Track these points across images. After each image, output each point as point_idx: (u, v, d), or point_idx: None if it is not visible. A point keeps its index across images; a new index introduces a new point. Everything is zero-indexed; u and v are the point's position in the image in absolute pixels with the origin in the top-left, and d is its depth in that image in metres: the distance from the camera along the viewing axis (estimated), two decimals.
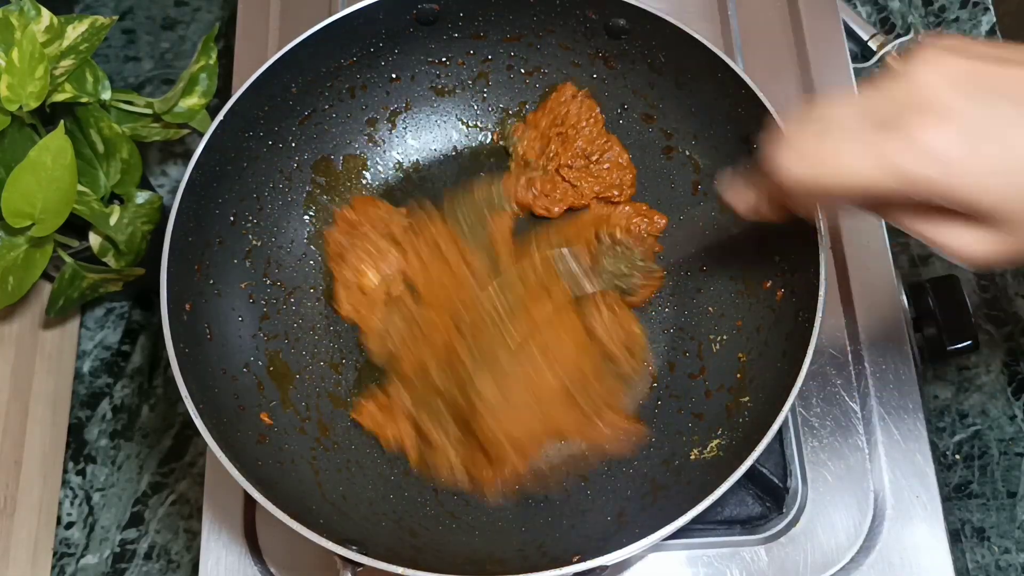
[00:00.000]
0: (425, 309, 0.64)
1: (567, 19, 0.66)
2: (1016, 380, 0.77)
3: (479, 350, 0.59)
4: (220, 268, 0.63)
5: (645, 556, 0.63)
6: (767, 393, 0.57)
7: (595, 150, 0.68)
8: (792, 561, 0.61)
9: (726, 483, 0.51)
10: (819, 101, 0.42)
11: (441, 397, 0.60)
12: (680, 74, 0.65)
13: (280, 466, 0.58)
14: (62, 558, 0.73)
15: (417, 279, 0.65)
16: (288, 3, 0.80)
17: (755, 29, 0.78)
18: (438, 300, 0.63)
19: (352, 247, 0.66)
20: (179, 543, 0.73)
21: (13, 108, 0.62)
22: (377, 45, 0.67)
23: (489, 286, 0.61)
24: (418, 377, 0.61)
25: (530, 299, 0.61)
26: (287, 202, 0.68)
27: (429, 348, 0.62)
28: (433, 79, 0.70)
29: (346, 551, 0.50)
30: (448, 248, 0.65)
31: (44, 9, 0.65)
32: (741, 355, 0.62)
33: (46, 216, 0.63)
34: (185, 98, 0.74)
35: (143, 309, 0.82)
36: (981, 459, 0.75)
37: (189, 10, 0.93)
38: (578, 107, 0.68)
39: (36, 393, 0.74)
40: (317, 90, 0.66)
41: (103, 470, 0.76)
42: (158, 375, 0.79)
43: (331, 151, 0.69)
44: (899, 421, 0.65)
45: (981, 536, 0.72)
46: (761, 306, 0.62)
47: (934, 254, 0.80)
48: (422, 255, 0.65)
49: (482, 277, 0.63)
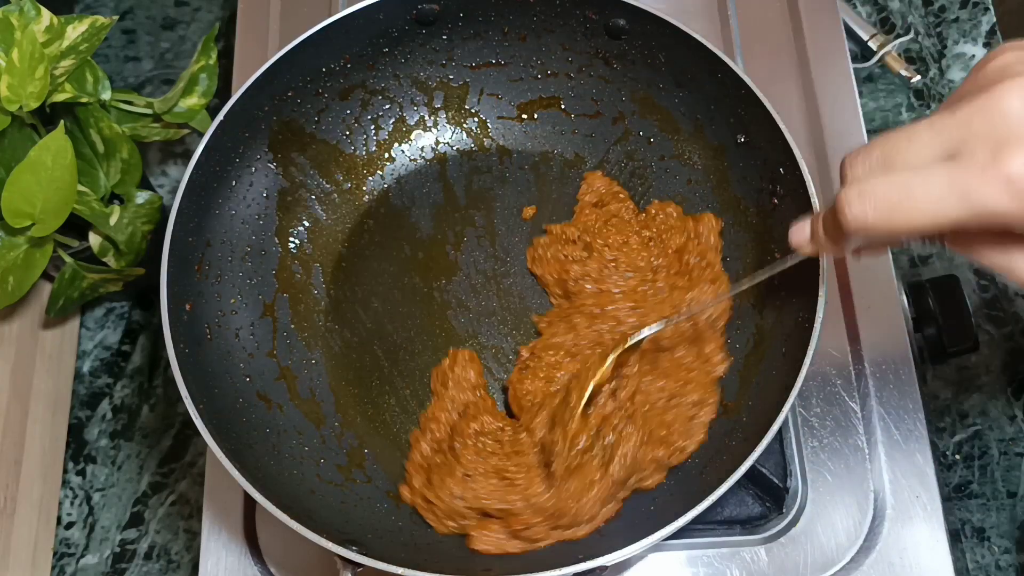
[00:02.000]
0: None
1: (567, 19, 0.66)
2: (1016, 380, 0.77)
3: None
4: (220, 268, 0.63)
5: (645, 556, 0.63)
6: (767, 393, 0.57)
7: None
8: (792, 561, 0.61)
9: (726, 483, 0.51)
10: (883, 137, 0.40)
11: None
12: (680, 74, 0.65)
13: (280, 466, 0.58)
14: (62, 558, 0.73)
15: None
16: (288, 3, 0.80)
17: (755, 29, 0.78)
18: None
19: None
20: (179, 543, 0.73)
21: (13, 108, 0.62)
22: (377, 45, 0.67)
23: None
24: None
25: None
26: (287, 202, 0.68)
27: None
28: (433, 79, 0.70)
29: (346, 551, 0.50)
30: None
31: (44, 9, 0.65)
32: (741, 356, 0.62)
33: (46, 216, 0.63)
34: (185, 98, 0.74)
35: (143, 309, 0.82)
36: (981, 459, 0.75)
37: (189, 10, 0.93)
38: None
39: (36, 393, 0.74)
40: (317, 90, 0.66)
41: (103, 470, 0.76)
42: (158, 375, 0.79)
43: (331, 151, 0.69)
44: (899, 421, 0.65)
45: (981, 536, 0.72)
46: (761, 306, 0.62)
47: (934, 254, 0.80)
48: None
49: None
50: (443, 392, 0.63)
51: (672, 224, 0.66)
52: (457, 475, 0.58)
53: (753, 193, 0.64)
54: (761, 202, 0.63)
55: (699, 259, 0.64)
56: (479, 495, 0.57)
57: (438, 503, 0.57)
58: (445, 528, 0.58)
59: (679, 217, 0.66)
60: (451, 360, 0.65)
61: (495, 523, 0.57)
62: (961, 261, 0.82)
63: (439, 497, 0.57)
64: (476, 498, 0.57)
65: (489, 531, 0.57)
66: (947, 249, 0.43)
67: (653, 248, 0.66)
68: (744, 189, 0.64)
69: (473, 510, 0.57)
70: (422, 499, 0.59)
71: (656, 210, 0.67)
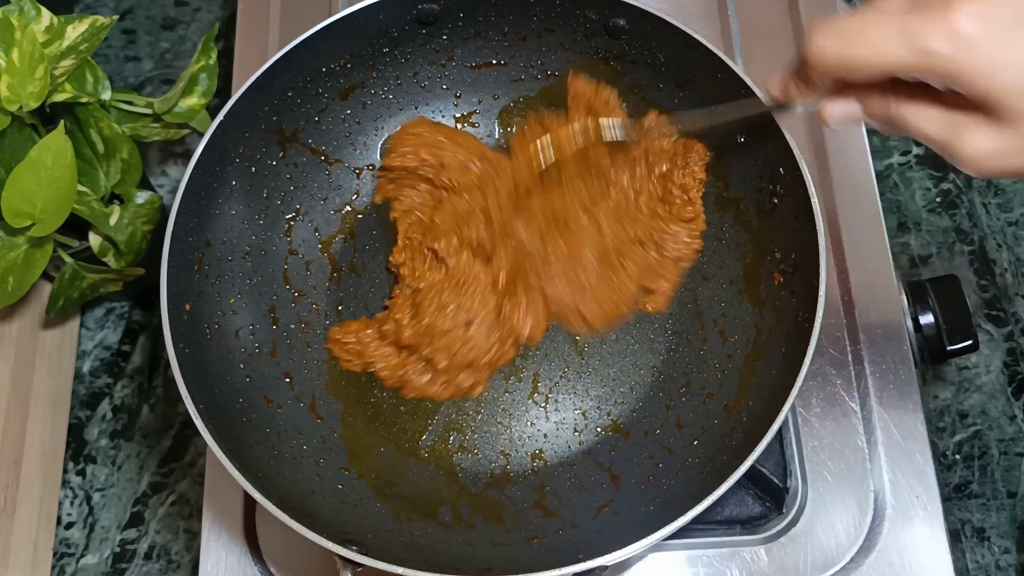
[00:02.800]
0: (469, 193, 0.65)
1: (567, 19, 0.66)
2: (1016, 380, 0.77)
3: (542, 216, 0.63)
4: (220, 268, 0.63)
5: (645, 556, 0.63)
6: (767, 393, 0.57)
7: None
8: (792, 561, 0.61)
9: (726, 483, 0.51)
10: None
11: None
12: (680, 74, 0.65)
13: (280, 466, 0.58)
14: (62, 558, 0.73)
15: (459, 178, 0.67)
16: (288, 3, 0.80)
17: (755, 29, 0.78)
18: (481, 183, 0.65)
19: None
20: (179, 543, 0.73)
21: (13, 108, 0.62)
22: (377, 45, 0.67)
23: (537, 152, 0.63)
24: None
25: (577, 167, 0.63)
26: (287, 201, 0.68)
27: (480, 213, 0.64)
28: (433, 80, 0.70)
29: (346, 551, 0.50)
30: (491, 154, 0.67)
31: (44, 9, 0.65)
32: (741, 356, 0.62)
33: (46, 216, 0.63)
34: (185, 98, 0.74)
35: (143, 309, 0.82)
36: (981, 459, 0.75)
37: (189, 10, 0.93)
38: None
39: (36, 393, 0.74)
40: (317, 90, 0.66)
41: (103, 470, 0.76)
42: (158, 375, 0.79)
43: (331, 151, 0.69)
44: (899, 421, 0.65)
45: (981, 536, 0.72)
46: (761, 306, 0.62)
47: (934, 254, 0.80)
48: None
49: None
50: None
51: (662, 146, 0.66)
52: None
53: (753, 193, 0.64)
54: (761, 202, 0.63)
55: (682, 192, 0.66)
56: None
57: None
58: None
59: (670, 133, 0.66)
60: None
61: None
62: (961, 261, 0.82)
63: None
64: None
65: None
66: (882, 126, 0.46)
67: (637, 167, 0.66)
68: (744, 189, 0.64)
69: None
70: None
71: (651, 123, 0.66)
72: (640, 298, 0.65)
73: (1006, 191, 0.85)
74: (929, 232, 0.84)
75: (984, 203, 0.84)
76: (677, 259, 0.66)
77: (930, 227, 0.84)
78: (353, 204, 0.70)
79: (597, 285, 0.64)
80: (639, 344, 0.66)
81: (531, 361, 0.66)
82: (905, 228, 0.84)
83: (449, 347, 0.62)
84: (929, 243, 0.83)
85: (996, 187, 0.85)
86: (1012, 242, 0.83)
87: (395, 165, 0.68)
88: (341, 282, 0.68)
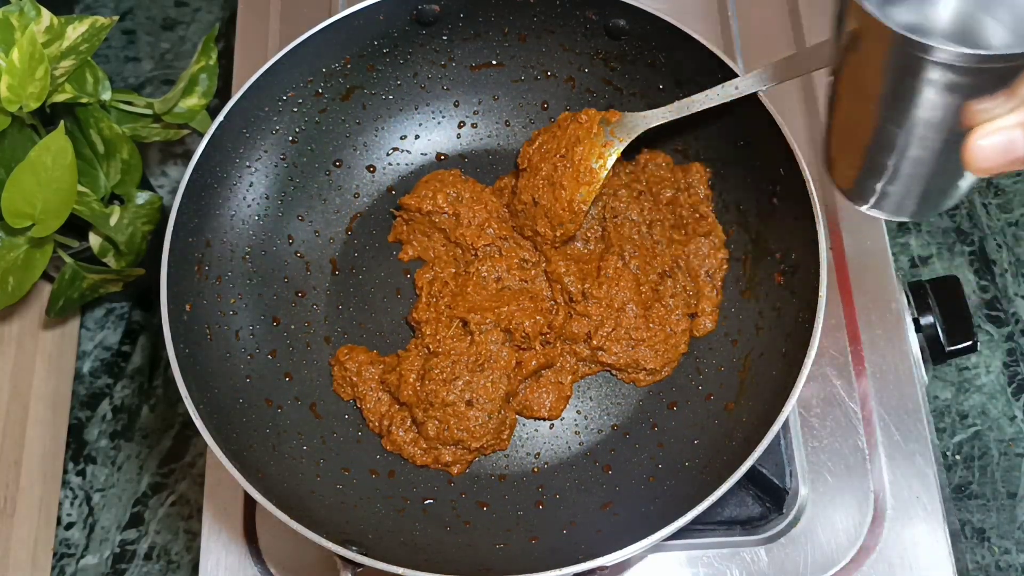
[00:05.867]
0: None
1: (567, 20, 0.66)
2: (1016, 380, 0.77)
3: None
4: (220, 268, 0.63)
5: (645, 556, 0.63)
6: (767, 394, 0.57)
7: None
8: (792, 561, 0.61)
9: (726, 483, 0.51)
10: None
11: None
12: (680, 74, 0.65)
13: (280, 466, 0.58)
14: (62, 558, 0.73)
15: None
16: (288, 3, 0.80)
17: (755, 29, 0.78)
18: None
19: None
20: (179, 543, 0.73)
21: (13, 108, 0.62)
22: (377, 46, 0.67)
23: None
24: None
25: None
26: (287, 202, 0.68)
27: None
28: (433, 80, 0.70)
29: (346, 551, 0.50)
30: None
31: (44, 9, 0.65)
32: (742, 356, 0.62)
33: (46, 216, 0.63)
34: (185, 98, 0.74)
35: (143, 309, 0.82)
36: (981, 459, 0.75)
37: (189, 10, 0.93)
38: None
39: (36, 393, 0.74)
40: (317, 91, 0.67)
41: (103, 470, 0.76)
42: (158, 375, 0.79)
43: (331, 151, 0.69)
44: (899, 421, 0.65)
45: (981, 536, 0.72)
46: (761, 307, 0.62)
47: (934, 254, 0.80)
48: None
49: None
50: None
51: (662, 176, 0.67)
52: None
53: (753, 193, 0.64)
54: (761, 202, 0.63)
55: (692, 211, 0.65)
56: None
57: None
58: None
59: (669, 168, 0.67)
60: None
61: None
62: (961, 261, 0.82)
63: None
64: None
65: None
66: None
67: (644, 201, 0.66)
68: (744, 189, 0.64)
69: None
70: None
71: (646, 160, 0.67)
72: (691, 327, 0.64)
73: (1006, 191, 0.85)
74: (929, 232, 0.84)
75: (984, 203, 0.84)
76: (708, 274, 0.65)
77: (930, 227, 0.84)
78: (353, 205, 0.70)
79: (650, 335, 0.63)
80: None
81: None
82: (905, 228, 0.84)
83: (444, 419, 0.61)
84: (929, 243, 0.83)
85: (996, 187, 0.85)
86: (1012, 242, 0.83)
87: (411, 204, 0.67)
88: (341, 283, 0.68)
